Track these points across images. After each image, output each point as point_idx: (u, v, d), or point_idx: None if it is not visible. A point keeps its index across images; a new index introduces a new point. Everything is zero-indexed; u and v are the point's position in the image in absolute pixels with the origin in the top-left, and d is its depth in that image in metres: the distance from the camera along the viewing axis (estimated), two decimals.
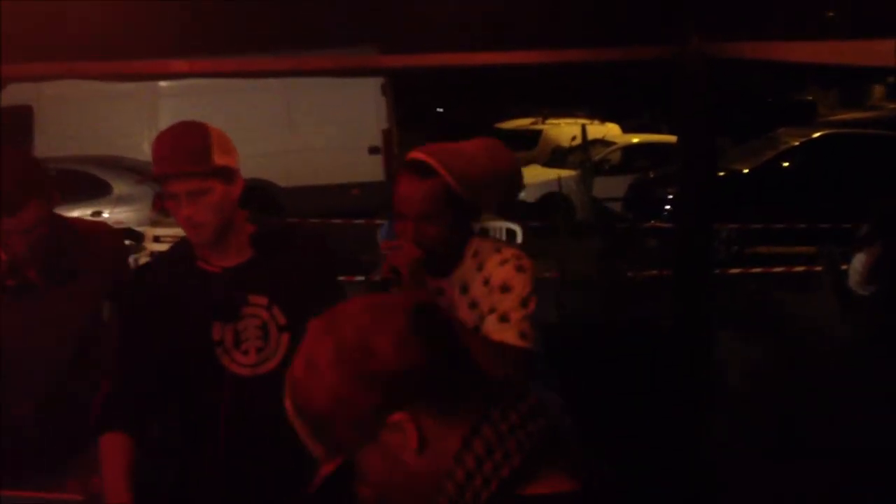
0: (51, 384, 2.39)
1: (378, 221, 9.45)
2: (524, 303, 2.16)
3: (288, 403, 1.19)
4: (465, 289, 2.24)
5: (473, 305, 2.21)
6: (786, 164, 10.69)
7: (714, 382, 3.36)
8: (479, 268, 2.23)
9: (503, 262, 2.20)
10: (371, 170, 13.12)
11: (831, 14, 25.57)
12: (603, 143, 15.75)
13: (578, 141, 14.80)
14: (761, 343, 6.60)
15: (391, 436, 1.12)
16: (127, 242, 8.09)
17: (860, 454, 4.12)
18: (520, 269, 2.19)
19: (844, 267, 5.74)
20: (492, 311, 2.16)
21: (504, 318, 2.14)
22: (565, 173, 13.29)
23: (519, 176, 2.34)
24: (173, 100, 12.28)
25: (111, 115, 12.55)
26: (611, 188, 12.85)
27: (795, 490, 3.90)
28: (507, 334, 2.12)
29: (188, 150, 2.07)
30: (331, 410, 1.13)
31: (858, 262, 5.10)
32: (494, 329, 2.13)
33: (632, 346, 3.33)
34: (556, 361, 2.39)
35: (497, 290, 2.17)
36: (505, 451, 1.11)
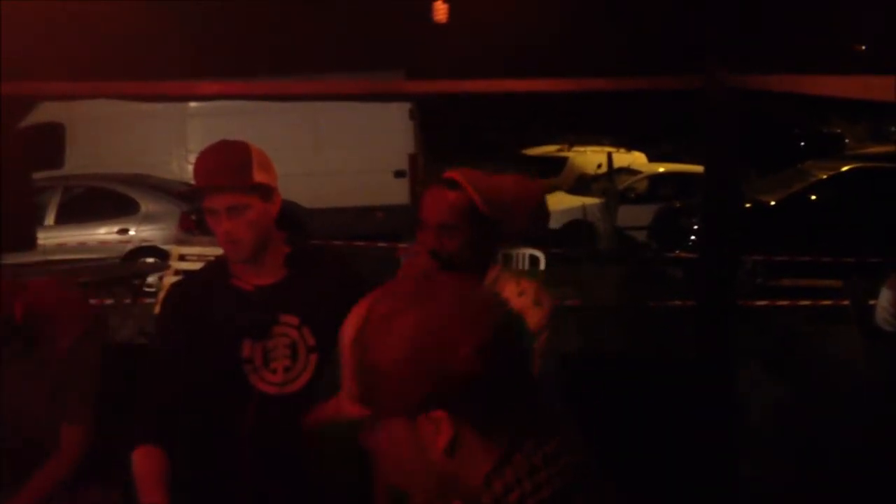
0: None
1: (402, 245, 9.47)
2: (537, 335, 2.14)
3: (347, 337, 1.18)
4: None
5: None
6: (813, 197, 10.61)
7: (737, 415, 3.32)
8: None
9: (521, 294, 2.19)
10: (396, 193, 13.16)
11: (863, 47, 25.47)
12: (629, 171, 15.72)
13: (604, 169, 14.82)
14: (786, 377, 6.53)
15: (426, 426, 1.11)
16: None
17: (887, 491, 4.05)
18: (537, 303, 2.17)
19: (872, 302, 5.67)
20: None
21: None
22: (590, 201, 13.27)
23: (545, 208, 2.34)
24: (202, 120, 12.42)
25: (141, 134, 12.70)
26: (636, 217, 12.82)
27: None
28: None
29: (229, 165, 2.13)
30: (387, 371, 1.12)
31: (885, 299, 5.02)
32: None
33: (653, 376, 3.30)
34: (575, 390, 2.37)
35: None
36: (535, 482, 1.10)
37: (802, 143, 22.60)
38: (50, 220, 10.50)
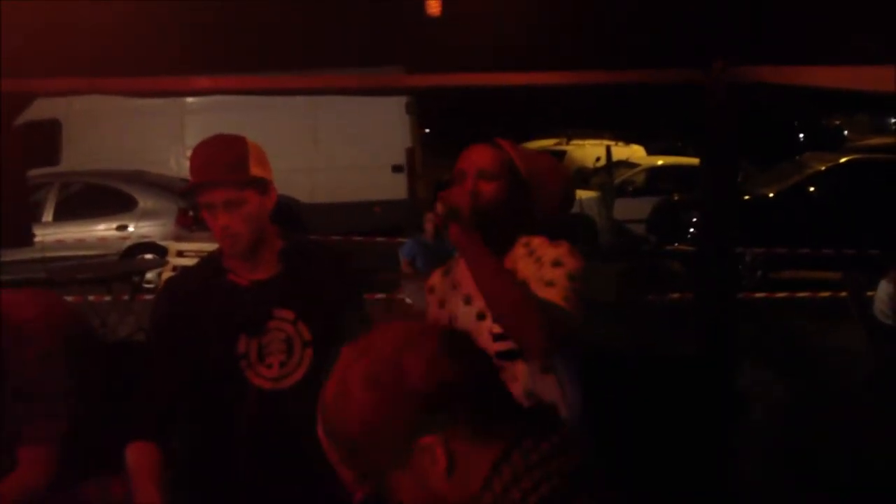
0: None
1: (399, 239, 9.47)
2: (572, 277, 2.19)
3: (319, 428, 1.18)
4: (514, 272, 2.26)
5: (523, 285, 2.23)
6: (812, 189, 10.60)
7: (736, 408, 3.32)
8: (530, 253, 2.28)
9: (557, 246, 2.27)
10: (394, 188, 13.16)
11: (867, 41, 25.39)
12: (627, 164, 15.67)
13: (603, 162, 14.78)
14: (785, 369, 6.53)
15: (420, 458, 1.11)
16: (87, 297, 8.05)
17: (884, 487, 4.05)
18: (572, 253, 2.25)
19: (870, 294, 5.68)
20: (538, 279, 2.20)
21: (550, 283, 2.16)
22: (588, 194, 13.24)
23: (572, 188, 2.47)
24: (200, 116, 12.39)
25: (138, 131, 12.67)
26: (635, 210, 12.78)
27: None
28: (551, 294, 2.14)
29: (226, 160, 2.13)
30: (361, 434, 1.12)
31: (883, 291, 5.02)
32: (538, 290, 2.16)
33: (651, 371, 3.30)
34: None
35: (548, 264, 2.21)
36: (534, 480, 1.09)
37: (801, 136, 22.60)
38: (48, 216, 10.49)
